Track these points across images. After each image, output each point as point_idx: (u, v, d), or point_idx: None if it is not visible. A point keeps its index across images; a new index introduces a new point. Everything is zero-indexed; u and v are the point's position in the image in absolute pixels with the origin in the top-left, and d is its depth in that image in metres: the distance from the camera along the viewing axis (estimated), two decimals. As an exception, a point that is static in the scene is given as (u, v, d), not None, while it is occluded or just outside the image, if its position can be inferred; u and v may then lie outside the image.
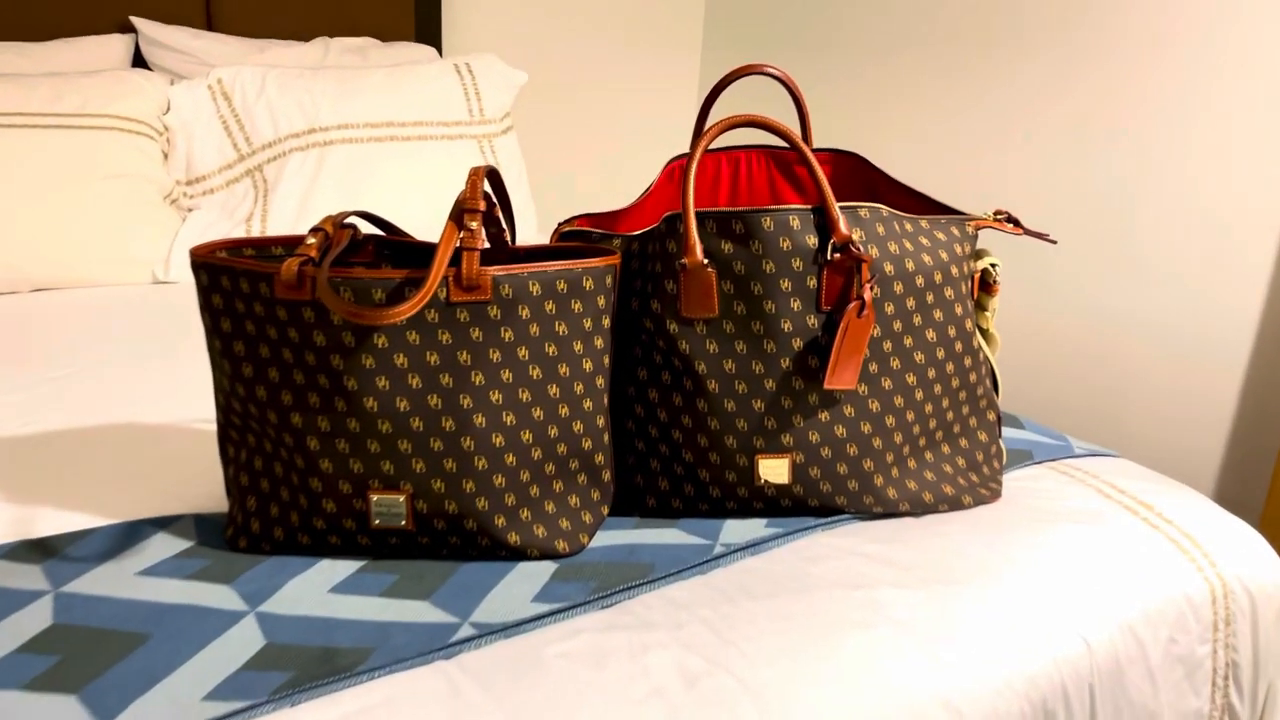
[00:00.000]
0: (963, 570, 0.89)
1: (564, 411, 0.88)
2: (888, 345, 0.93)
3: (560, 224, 1.02)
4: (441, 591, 0.82)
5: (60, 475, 1.02)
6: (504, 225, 0.95)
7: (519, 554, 0.88)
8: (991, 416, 1.03)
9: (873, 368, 0.92)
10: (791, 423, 0.91)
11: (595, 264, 0.87)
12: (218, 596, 0.81)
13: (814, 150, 1.10)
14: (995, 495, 1.01)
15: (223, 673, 0.71)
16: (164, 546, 0.88)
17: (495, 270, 0.83)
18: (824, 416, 0.92)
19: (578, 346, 0.87)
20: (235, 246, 0.93)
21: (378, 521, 0.86)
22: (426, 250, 0.97)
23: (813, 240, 0.88)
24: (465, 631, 0.77)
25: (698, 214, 0.89)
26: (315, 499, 0.86)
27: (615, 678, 0.73)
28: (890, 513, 0.97)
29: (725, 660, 0.75)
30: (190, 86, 1.75)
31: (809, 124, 1.11)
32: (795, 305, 0.89)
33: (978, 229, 0.99)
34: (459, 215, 0.84)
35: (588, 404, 0.89)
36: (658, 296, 0.91)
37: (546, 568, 0.87)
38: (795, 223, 0.88)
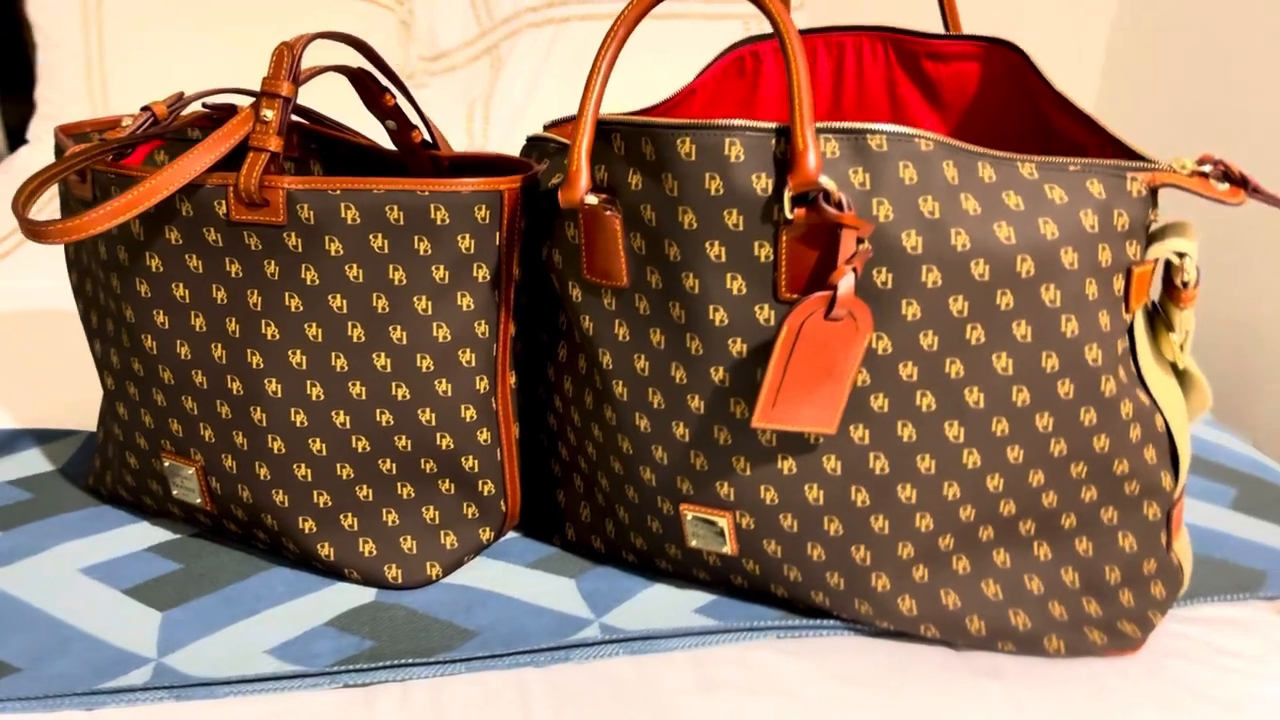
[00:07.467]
0: (950, 774, 0.52)
1: (401, 394, 0.62)
2: (909, 371, 0.55)
3: (545, 126, 0.74)
4: (192, 606, 0.62)
5: (27, 366, 0.94)
6: (417, 123, 0.69)
7: (335, 572, 0.65)
8: (1152, 513, 0.60)
9: (878, 403, 0.56)
10: (731, 466, 0.58)
11: (453, 188, 0.59)
12: (-32, 548, 0.67)
13: (955, 38, 0.70)
14: (1126, 645, 0.59)
15: None
16: (9, 469, 0.76)
17: (289, 183, 0.58)
18: (786, 467, 0.57)
19: (421, 305, 0.60)
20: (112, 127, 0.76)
21: (176, 492, 0.67)
22: (367, 153, 0.74)
23: (765, 183, 0.53)
24: (135, 678, 0.56)
25: (602, 124, 0.57)
26: (120, 449, 0.69)
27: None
28: (907, 632, 0.60)
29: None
30: (435, -49, 1.61)
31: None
32: (735, 286, 0.55)
33: (1153, 188, 0.56)
34: (257, 100, 0.60)
35: (443, 386, 0.62)
36: (559, 245, 0.61)
37: (349, 601, 0.63)
38: (735, 151, 0.53)
